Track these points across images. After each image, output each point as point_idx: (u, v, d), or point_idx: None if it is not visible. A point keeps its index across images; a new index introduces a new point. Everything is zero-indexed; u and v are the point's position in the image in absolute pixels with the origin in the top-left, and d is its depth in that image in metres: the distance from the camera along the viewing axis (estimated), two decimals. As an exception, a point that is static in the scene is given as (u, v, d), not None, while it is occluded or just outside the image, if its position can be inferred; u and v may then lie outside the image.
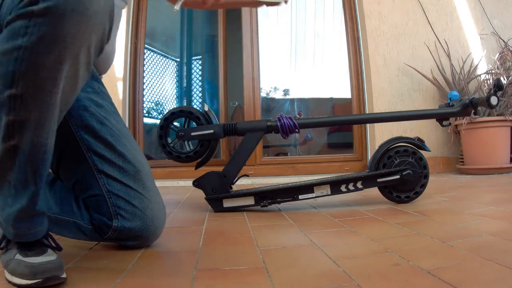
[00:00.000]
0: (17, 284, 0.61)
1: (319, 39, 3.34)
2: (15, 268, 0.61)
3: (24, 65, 0.54)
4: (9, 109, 0.57)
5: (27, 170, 0.61)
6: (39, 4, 0.52)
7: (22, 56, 0.54)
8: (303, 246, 0.85)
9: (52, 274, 0.60)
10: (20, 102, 0.57)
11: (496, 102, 1.32)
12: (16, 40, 0.54)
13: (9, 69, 0.55)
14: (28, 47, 0.54)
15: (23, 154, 0.60)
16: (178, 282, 0.64)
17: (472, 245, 0.78)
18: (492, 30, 2.78)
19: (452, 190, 1.67)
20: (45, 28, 0.53)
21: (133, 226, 0.80)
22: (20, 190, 0.62)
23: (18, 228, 0.63)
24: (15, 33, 0.54)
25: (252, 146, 1.36)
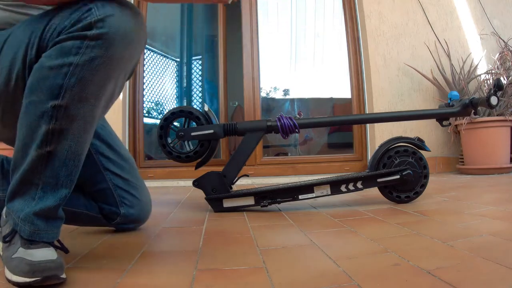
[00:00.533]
0: (16, 282, 0.61)
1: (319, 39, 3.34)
2: (17, 266, 0.62)
3: (73, 79, 0.62)
4: (51, 118, 0.64)
5: (61, 174, 0.67)
6: (92, 30, 0.61)
7: (72, 72, 0.62)
8: (303, 246, 0.85)
9: (52, 273, 0.60)
10: (64, 113, 0.64)
11: (496, 102, 1.32)
12: (67, 58, 0.62)
13: (56, 82, 0.62)
14: (79, 65, 0.62)
15: (58, 160, 0.66)
16: (178, 282, 0.64)
17: (472, 245, 0.78)
18: (492, 30, 2.78)
19: (452, 190, 1.67)
20: (97, 51, 0.62)
21: (134, 211, 0.99)
22: (49, 192, 0.67)
23: (36, 226, 0.66)
24: (66, 52, 0.62)
25: (252, 146, 1.36)
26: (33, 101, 0.65)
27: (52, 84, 0.63)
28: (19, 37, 0.70)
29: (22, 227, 0.66)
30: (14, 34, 0.72)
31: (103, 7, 0.63)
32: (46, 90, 0.63)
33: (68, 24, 0.63)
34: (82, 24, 0.62)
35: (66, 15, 0.64)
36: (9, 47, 0.71)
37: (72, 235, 0.97)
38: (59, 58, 0.62)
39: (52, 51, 0.63)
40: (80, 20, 0.62)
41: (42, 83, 0.64)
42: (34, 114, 0.65)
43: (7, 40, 0.72)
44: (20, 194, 0.68)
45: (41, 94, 0.64)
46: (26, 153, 0.66)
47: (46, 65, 0.63)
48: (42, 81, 0.64)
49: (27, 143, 0.66)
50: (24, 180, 0.67)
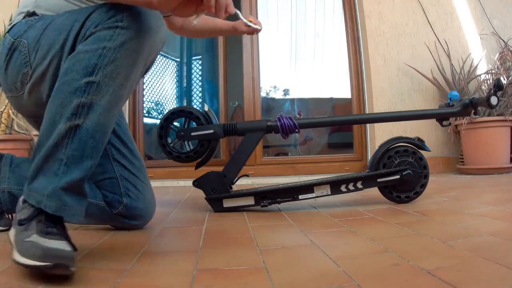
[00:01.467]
0: (25, 264, 0.61)
1: (319, 39, 3.34)
2: (28, 249, 0.62)
3: (107, 60, 0.72)
4: (83, 93, 0.71)
5: (87, 146, 0.72)
6: (123, 22, 0.73)
7: (105, 53, 0.72)
8: (303, 246, 0.85)
9: (63, 261, 0.61)
10: (96, 88, 0.72)
11: (496, 102, 1.32)
12: (101, 43, 0.72)
13: (91, 61, 0.71)
14: (111, 48, 0.72)
15: (86, 132, 0.72)
16: (178, 282, 0.64)
17: (472, 245, 0.78)
18: (492, 30, 2.78)
19: (452, 190, 1.67)
20: (126, 37, 0.73)
21: (137, 205, 1.00)
22: (73, 166, 0.71)
23: (62, 201, 0.70)
24: (101, 39, 0.72)
25: (252, 146, 1.36)
26: (66, 81, 0.72)
27: (87, 63, 0.72)
28: (63, 23, 0.80)
29: (48, 203, 0.68)
30: (57, 19, 0.82)
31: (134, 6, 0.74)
32: (81, 69, 0.72)
33: (105, 18, 0.74)
34: (116, 17, 0.73)
35: (105, 10, 0.75)
36: (51, 29, 0.81)
37: (72, 235, 0.97)
38: (95, 44, 0.72)
39: (89, 40, 0.74)
40: (115, 15, 0.73)
41: (77, 64, 0.72)
42: (67, 91, 0.72)
43: (50, 23, 0.82)
44: (43, 172, 0.71)
45: (76, 73, 0.72)
46: (53, 129, 0.71)
47: (82, 49, 0.73)
48: (77, 63, 0.72)
49: (55, 120, 0.71)
50: (48, 156, 0.70)
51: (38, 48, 0.82)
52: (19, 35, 0.86)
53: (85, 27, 0.76)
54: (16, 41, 0.85)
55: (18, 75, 0.86)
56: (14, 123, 2.18)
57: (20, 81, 0.87)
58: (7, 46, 0.87)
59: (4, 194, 0.99)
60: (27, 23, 0.86)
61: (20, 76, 0.86)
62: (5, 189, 0.99)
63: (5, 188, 0.99)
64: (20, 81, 0.87)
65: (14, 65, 0.86)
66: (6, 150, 1.49)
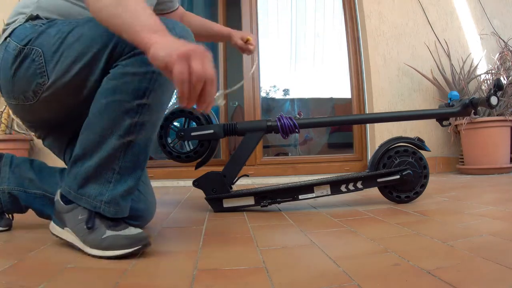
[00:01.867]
0: (114, 255, 0.75)
1: (319, 39, 3.34)
2: (113, 242, 0.75)
3: (157, 84, 0.77)
4: (136, 114, 0.77)
5: (140, 158, 0.81)
6: None
7: (156, 78, 0.77)
8: (303, 246, 0.85)
9: (146, 241, 0.77)
10: (147, 109, 0.78)
11: (496, 102, 1.32)
12: (150, 67, 0.75)
13: (142, 85, 0.76)
14: (160, 73, 0.71)
15: (139, 146, 0.80)
16: (178, 282, 0.64)
17: (472, 245, 0.78)
18: (492, 30, 2.78)
19: (452, 190, 1.67)
20: None
21: (138, 207, 0.99)
22: (127, 175, 0.80)
23: (120, 206, 0.80)
24: (148, 62, 0.68)
25: (252, 146, 1.36)
26: (117, 100, 0.77)
27: (138, 87, 0.76)
28: (89, 35, 0.79)
29: (107, 208, 0.79)
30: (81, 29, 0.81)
31: (174, 29, 0.77)
32: (131, 92, 0.76)
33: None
34: None
35: None
36: (73, 40, 0.80)
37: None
38: (143, 67, 0.76)
39: (134, 61, 0.76)
40: None
41: (126, 86, 0.76)
42: (118, 111, 0.77)
43: (70, 32, 0.81)
44: (94, 179, 0.79)
45: (126, 95, 0.76)
46: (103, 143, 0.78)
47: (130, 71, 0.76)
48: (126, 84, 0.76)
49: (105, 135, 0.78)
50: (100, 166, 0.78)
51: (58, 59, 0.81)
52: (29, 41, 0.83)
53: (121, 44, 0.77)
54: (26, 49, 0.83)
55: (31, 84, 0.84)
56: (14, 123, 2.18)
57: (33, 90, 0.85)
58: (14, 52, 0.84)
59: (4, 194, 0.99)
60: (35, 29, 0.84)
61: (33, 86, 0.84)
62: (5, 189, 0.99)
63: (5, 189, 0.99)
64: (32, 91, 0.85)
65: (26, 74, 0.84)
66: (6, 150, 1.49)
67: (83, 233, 0.79)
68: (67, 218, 0.81)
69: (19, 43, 0.84)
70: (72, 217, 0.80)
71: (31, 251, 0.81)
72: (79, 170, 0.80)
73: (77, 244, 0.80)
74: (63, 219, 0.82)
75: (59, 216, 0.83)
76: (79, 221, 0.79)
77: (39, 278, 0.63)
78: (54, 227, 0.85)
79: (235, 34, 1.38)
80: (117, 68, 0.78)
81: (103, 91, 0.79)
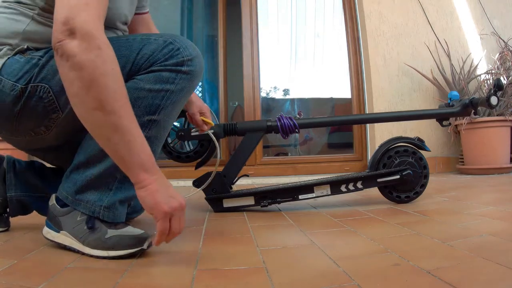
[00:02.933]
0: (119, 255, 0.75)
1: (319, 39, 3.34)
2: (118, 242, 0.76)
3: (169, 102, 0.80)
4: (145, 129, 0.78)
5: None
6: (184, 67, 0.81)
7: (168, 96, 0.80)
8: (303, 246, 0.85)
9: (150, 240, 0.77)
10: (156, 125, 0.81)
11: (496, 102, 1.32)
12: (165, 85, 0.79)
13: (155, 102, 0.79)
14: (174, 91, 0.80)
15: None
16: (178, 282, 0.64)
17: (472, 245, 0.78)
18: (492, 30, 2.78)
19: (452, 190, 1.67)
20: (186, 82, 0.82)
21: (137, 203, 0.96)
22: (128, 183, 0.77)
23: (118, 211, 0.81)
24: (164, 80, 0.79)
25: (252, 146, 1.36)
26: None
27: (151, 103, 0.79)
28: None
29: (105, 213, 0.79)
30: None
31: (187, 48, 0.81)
32: (144, 107, 0.79)
33: (161, 58, 0.79)
34: (175, 60, 0.79)
35: (157, 48, 0.80)
36: None
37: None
38: (158, 84, 0.79)
39: (150, 77, 0.79)
40: (173, 56, 0.79)
41: (139, 101, 0.78)
42: None
43: None
44: (95, 186, 0.80)
45: (138, 110, 0.77)
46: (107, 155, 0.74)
47: (145, 87, 0.79)
48: (139, 100, 0.78)
49: None
50: (102, 175, 0.79)
51: None
52: (30, 79, 0.78)
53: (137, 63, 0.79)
54: (30, 87, 0.78)
55: (42, 121, 0.82)
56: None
57: (45, 125, 0.84)
58: (14, 93, 0.78)
59: (12, 202, 0.98)
60: (32, 63, 0.79)
61: (46, 121, 0.83)
62: (13, 197, 0.98)
63: (13, 196, 0.98)
64: (44, 126, 0.84)
65: (34, 113, 0.81)
66: (6, 150, 1.49)
67: (83, 234, 0.78)
68: (64, 221, 0.80)
69: (16, 82, 0.78)
70: (69, 220, 0.80)
71: (31, 251, 0.81)
72: (80, 177, 0.80)
73: (75, 246, 0.79)
74: (58, 222, 0.81)
75: (55, 220, 0.82)
76: (78, 222, 0.79)
77: (39, 278, 0.63)
78: (48, 232, 0.83)
79: (195, 103, 1.16)
80: (133, 82, 0.79)
81: None
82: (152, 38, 0.81)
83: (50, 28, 0.71)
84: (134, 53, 0.80)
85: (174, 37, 0.82)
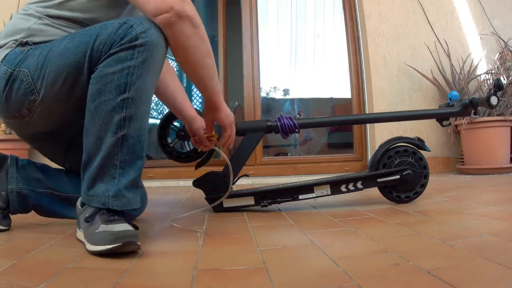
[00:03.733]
0: (98, 250, 0.76)
1: (319, 39, 3.34)
2: (100, 238, 0.77)
3: (134, 77, 0.82)
4: (122, 108, 0.82)
5: (136, 149, 0.85)
6: (138, 40, 0.81)
7: (132, 71, 0.82)
8: (303, 246, 0.85)
9: (130, 239, 0.76)
10: (131, 102, 0.82)
11: (496, 102, 1.32)
12: (125, 63, 0.81)
13: (121, 81, 0.81)
14: (136, 66, 0.82)
15: (132, 138, 0.84)
16: (178, 282, 0.64)
17: (472, 245, 0.78)
18: (492, 30, 2.78)
19: (452, 190, 1.67)
20: (146, 53, 0.82)
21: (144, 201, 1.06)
22: (127, 167, 0.84)
23: (126, 198, 0.84)
24: (123, 59, 0.81)
25: (252, 146, 1.36)
26: (103, 101, 0.82)
27: (118, 84, 0.81)
28: (66, 47, 0.86)
29: (114, 202, 0.83)
30: (57, 45, 0.87)
31: (141, 23, 0.83)
32: (114, 90, 0.81)
33: (117, 39, 0.82)
34: (129, 37, 0.81)
35: (113, 31, 0.82)
36: (54, 56, 0.86)
37: (72, 235, 0.97)
38: (119, 64, 0.81)
39: (110, 61, 0.82)
40: (127, 34, 0.82)
41: (108, 85, 0.81)
42: (106, 110, 0.82)
43: (51, 50, 0.87)
44: (100, 178, 0.83)
45: (110, 93, 0.81)
46: (101, 144, 0.83)
47: (109, 71, 0.82)
48: (108, 84, 0.81)
49: (101, 136, 0.83)
50: (103, 165, 0.83)
51: (44, 75, 0.87)
52: (17, 65, 0.89)
53: (96, 49, 0.83)
54: (15, 71, 0.88)
55: (23, 103, 0.90)
56: (14, 123, 2.18)
57: (27, 108, 0.91)
58: (5, 77, 0.89)
59: (13, 194, 1.01)
60: (23, 53, 0.89)
61: (26, 104, 0.90)
62: (13, 189, 1.01)
63: (14, 188, 1.01)
64: (26, 108, 0.91)
65: (17, 95, 0.89)
66: (6, 150, 1.49)
67: (85, 228, 0.83)
68: (80, 219, 0.87)
69: (9, 67, 0.89)
70: (82, 217, 0.85)
71: (31, 251, 0.81)
72: (87, 174, 0.85)
73: (83, 240, 0.83)
74: (79, 221, 0.88)
75: (78, 220, 0.89)
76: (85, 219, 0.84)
77: (39, 278, 0.63)
78: (76, 232, 0.91)
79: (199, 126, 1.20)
80: (97, 71, 0.83)
81: (90, 96, 0.84)
82: (109, 23, 0.85)
83: (53, 29, 0.93)
84: (92, 38, 0.84)
85: (131, 18, 0.85)
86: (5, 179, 1.03)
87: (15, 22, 0.95)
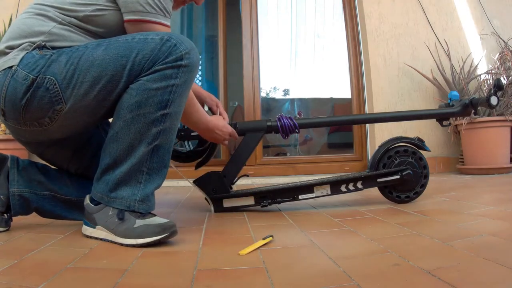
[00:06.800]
0: (147, 242, 0.84)
1: (319, 39, 3.34)
2: (144, 231, 0.85)
3: (176, 95, 0.89)
4: (160, 122, 0.88)
5: (165, 158, 0.92)
6: (183, 61, 0.88)
7: (175, 90, 0.89)
8: (303, 246, 0.85)
9: (174, 228, 0.86)
10: (169, 117, 0.89)
11: (496, 102, 1.32)
12: (170, 81, 0.88)
13: (164, 97, 0.88)
14: (179, 85, 0.89)
15: (163, 149, 0.91)
16: (178, 282, 0.64)
17: (472, 245, 0.78)
18: (492, 30, 2.78)
19: (452, 190, 1.67)
20: (188, 74, 0.90)
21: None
22: (155, 174, 0.91)
23: (151, 202, 0.92)
24: (168, 77, 0.87)
25: (252, 146, 1.36)
26: (142, 114, 0.87)
27: (161, 100, 0.87)
28: (103, 59, 0.86)
29: (140, 206, 0.89)
30: (93, 53, 0.87)
31: (183, 42, 0.89)
32: (155, 104, 0.87)
33: (162, 56, 0.87)
34: (175, 56, 0.87)
35: (156, 47, 0.87)
36: (87, 66, 0.86)
37: (72, 235, 0.97)
38: (163, 81, 0.87)
39: (156, 77, 0.87)
40: (171, 53, 0.87)
41: (150, 100, 0.87)
42: (144, 122, 0.87)
43: (82, 57, 0.87)
44: (126, 182, 0.89)
45: (150, 107, 0.87)
46: (132, 151, 0.88)
47: (152, 87, 0.87)
48: (150, 99, 0.87)
49: (133, 145, 0.88)
50: (131, 170, 0.88)
51: (75, 85, 0.86)
52: (40, 71, 0.86)
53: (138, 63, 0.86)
54: (38, 78, 0.85)
55: (47, 111, 0.88)
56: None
57: (49, 117, 0.90)
58: (26, 83, 0.85)
59: (14, 197, 1.00)
60: (44, 58, 0.87)
61: (50, 113, 0.89)
62: (15, 192, 1.01)
63: (15, 191, 1.01)
64: (48, 117, 0.90)
65: (40, 103, 0.87)
66: (6, 150, 1.49)
67: (114, 225, 0.87)
68: (98, 217, 0.91)
69: (29, 73, 0.85)
70: (102, 215, 0.90)
71: (31, 251, 0.81)
72: (110, 177, 0.89)
73: (110, 238, 0.89)
74: (93, 219, 0.91)
75: (90, 217, 0.92)
76: (110, 216, 0.89)
77: (39, 278, 0.63)
78: (86, 229, 0.94)
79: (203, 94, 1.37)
80: (139, 84, 0.87)
81: (127, 106, 0.87)
82: (149, 37, 0.88)
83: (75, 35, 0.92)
84: (133, 52, 0.87)
85: (169, 34, 0.90)
86: (5, 182, 1.01)
87: (31, 23, 0.91)
